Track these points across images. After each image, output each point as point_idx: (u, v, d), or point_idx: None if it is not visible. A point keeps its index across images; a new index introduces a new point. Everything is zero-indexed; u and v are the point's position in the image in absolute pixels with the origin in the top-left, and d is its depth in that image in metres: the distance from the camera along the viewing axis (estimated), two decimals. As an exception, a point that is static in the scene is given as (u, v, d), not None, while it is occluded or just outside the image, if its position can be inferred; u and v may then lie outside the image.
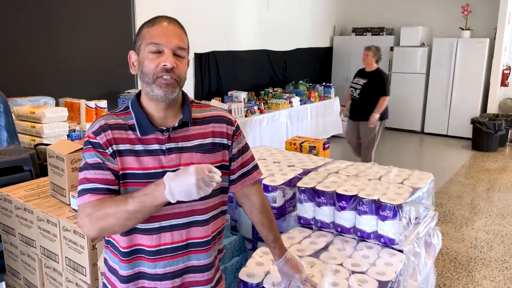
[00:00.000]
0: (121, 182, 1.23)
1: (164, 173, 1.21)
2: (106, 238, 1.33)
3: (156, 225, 1.24)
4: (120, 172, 1.22)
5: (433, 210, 2.13)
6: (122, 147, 1.23)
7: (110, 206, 1.16)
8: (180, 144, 1.26)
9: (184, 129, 1.28)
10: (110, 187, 1.21)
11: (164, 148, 1.24)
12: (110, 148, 1.22)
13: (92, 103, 3.75)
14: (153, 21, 1.25)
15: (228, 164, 1.36)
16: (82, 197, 1.20)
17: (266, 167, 2.27)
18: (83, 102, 3.73)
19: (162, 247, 1.25)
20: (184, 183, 1.10)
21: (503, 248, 3.62)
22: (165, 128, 1.26)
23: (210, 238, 1.31)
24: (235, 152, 1.38)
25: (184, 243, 1.27)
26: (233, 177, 1.40)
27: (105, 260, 1.36)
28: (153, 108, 1.27)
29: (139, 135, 1.24)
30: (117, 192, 1.23)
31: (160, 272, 1.26)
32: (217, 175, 1.13)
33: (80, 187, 1.23)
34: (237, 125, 1.40)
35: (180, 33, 1.25)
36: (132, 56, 1.29)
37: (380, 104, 4.89)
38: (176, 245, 1.26)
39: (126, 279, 1.28)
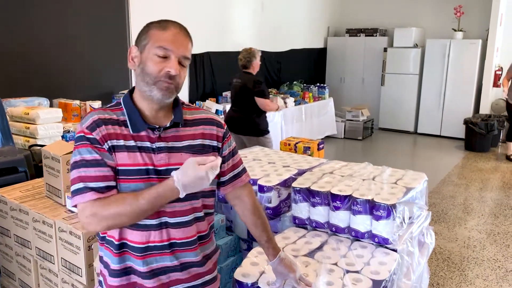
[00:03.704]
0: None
1: (154, 170, 1.24)
2: (101, 235, 1.33)
3: (147, 222, 1.25)
4: (117, 168, 1.23)
5: (427, 210, 2.15)
6: (116, 142, 1.23)
7: (120, 205, 1.18)
8: (170, 144, 1.28)
9: (174, 129, 1.30)
10: (109, 183, 1.21)
11: (154, 146, 1.26)
12: (106, 144, 1.22)
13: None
14: (164, 25, 1.25)
15: None
16: (83, 195, 1.19)
17: (261, 167, 2.28)
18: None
19: (151, 244, 1.26)
20: (196, 179, 1.16)
21: (495, 248, 3.66)
22: (157, 127, 1.27)
23: (195, 238, 1.32)
24: (226, 154, 1.40)
25: (170, 242, 1.28)
26: (223, 178, 1.42)
27: (100, 258, 1.36)
28: (145, 107, 1.29)
29: (131, 132, 1.25)
30: (116, 187, 1.23)
31: (145, 270, 1.27)
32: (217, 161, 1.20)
33: (79, 185, 1.19)
34: (227, 128, 1.42)
35: (187, 42, 1.27)
36: (134, 51, 1.28)
37: None
38: (162, 243, 1.27)
39: (117, 273, 1.29)
